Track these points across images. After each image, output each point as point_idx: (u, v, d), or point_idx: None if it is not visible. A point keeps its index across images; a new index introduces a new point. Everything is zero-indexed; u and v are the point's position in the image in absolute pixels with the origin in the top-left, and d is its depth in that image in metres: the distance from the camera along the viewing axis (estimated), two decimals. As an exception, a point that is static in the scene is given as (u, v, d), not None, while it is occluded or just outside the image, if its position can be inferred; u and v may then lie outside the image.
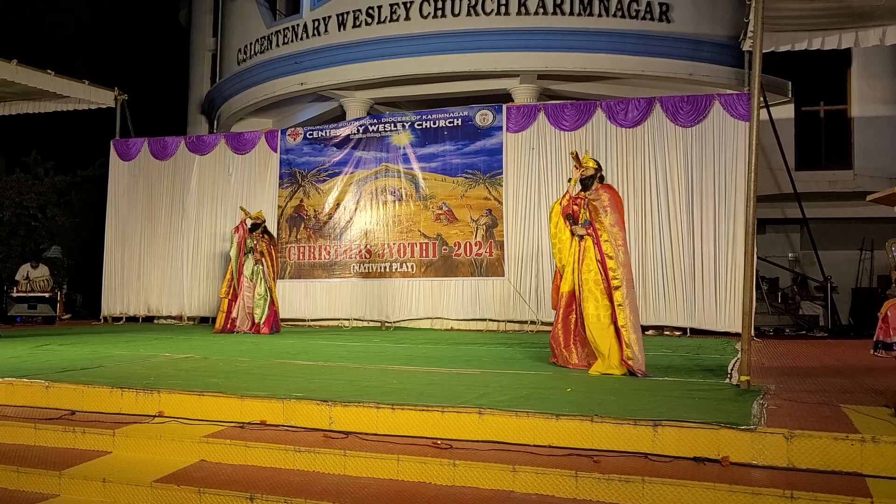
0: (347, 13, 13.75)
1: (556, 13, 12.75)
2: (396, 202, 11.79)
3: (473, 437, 3.99)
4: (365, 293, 11.80)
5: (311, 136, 12.44)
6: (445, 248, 11.42)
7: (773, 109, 12.83)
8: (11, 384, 5.25)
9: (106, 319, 13.11)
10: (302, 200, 12.34)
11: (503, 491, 3.56)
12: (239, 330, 10.41)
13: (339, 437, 4.14)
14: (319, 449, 3.96)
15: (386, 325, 11.60)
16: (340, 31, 13.82)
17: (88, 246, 15.18)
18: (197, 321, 12.77)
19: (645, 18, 12.74)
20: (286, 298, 11.71)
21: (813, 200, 13.01)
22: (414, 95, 14.24)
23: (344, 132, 12.25)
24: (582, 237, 5.98)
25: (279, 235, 12.12)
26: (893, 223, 10.79)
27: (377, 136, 11.97)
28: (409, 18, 13.28)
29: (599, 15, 12.70)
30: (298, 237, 12.31)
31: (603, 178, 6.24)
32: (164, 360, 6.81)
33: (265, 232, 10.86)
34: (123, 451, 4.35)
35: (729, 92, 11.05)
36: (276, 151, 12.53)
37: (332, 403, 4.34)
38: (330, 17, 13.95)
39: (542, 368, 6.13)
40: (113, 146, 13.43)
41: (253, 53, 15.42)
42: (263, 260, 10.54)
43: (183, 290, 12.78)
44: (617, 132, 10.55)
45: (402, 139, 11.80)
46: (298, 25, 14.45)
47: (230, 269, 10.64)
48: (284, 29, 14.73)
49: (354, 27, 13.68)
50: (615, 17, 12.70)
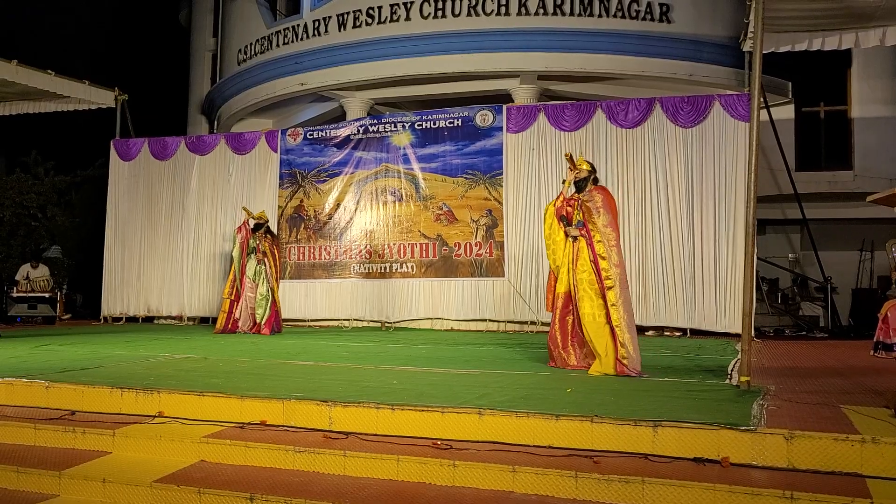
0: (348, 13, 13.75)
1: (556, 14, 12.75)
2: (397, 202, 11.79)
3: (473, 437, 3.99)
4: (365, 293, 11.81)
5: (311, 136, 12.44)
6: (445, 248, 11.42)
7: (773, 110, 12.84)
8: (11, 384, 5.25)
9: (106, 319, 13.11)
10: (302, 201, 12.34)
11: (503, 491, 3.56)
12: (241, 330, 10.42)
13: (338, 437, 4.14)
14: (319, 449, 3.96)
15: (386, 325, 11.60)
16: (341, 31, 13.82)
17: (88, 246, 15.18)
18: (197, 321, 12.77)
19: (645, 19, 12.74)
20: (286, 299, 11.70)
21: (813, 201, 13.03)
22: (414, 96, 14.25)
23: (344, 132, 12.25)
24: (576, 238, 6.01)
25: (279, 236, 12.10)
26: (893, 224, 10.80)
27: (377, 136, 11.97)
28: (409, 19, 13.28)
29: (600, 15, 12.70)
30: (298, 237, 12.31)
31: (597, 179, 6.28)
32: (164, 360, 6.81)
33: (268, 232, 10.85)
34: (123, 451, 4.35)
35: (729, 92, 11.06)
36: (276, 152, 12.53)
37: (331, 404, 4.34)
38: (330, 17, 13.95)
39: (541, 369, 6.13)
40: (113, 146, 13.43)
41: (253, 54, 15.42)
42: (266, 260, 10.53)
43: (183, 290, 12.77)
44: (617, 133, 10.55)
45: (402, 139, 11.80)
46: (299, 26, 14.45)
47: (233, 269, 10.64)
48: (285, 29, 14.73)
49: (355, 27, 13.68)
50: (615, 17, 12.70)
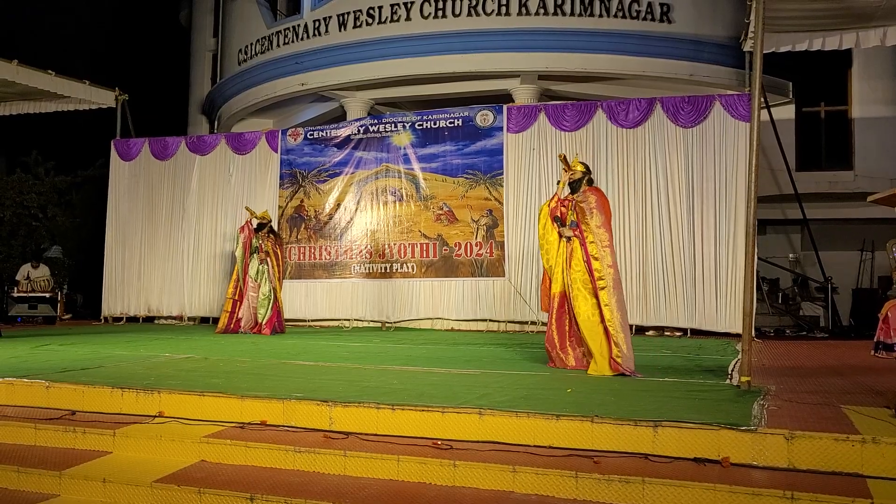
0: (348, 13, 13.75)
1: (556, 14, 12.75)
2: (397, 202, 11.79)
3: (473, 437, 3.99)
4: (365, 293, 11.80)
5: (311, 136, 12.44)
6: (446, 248, 11.42)
7: (773, 110, 12.84)
8: (12, 384, 5.25)
9: (106, 319, 13.11)
10: (302, 201, 12.34)
11: (503, 491, 3.56)
12: (243, 330, 10.41)
13: (339, 437, 4.14)
14: (319, 449, 3.95)
15: (386, 325, 11.60)
16: (341, 31, 13.82)
17: (89, 246, 15.19)
18: (197, 321, 12.77)
19: (646, 19, 12.74)
20: (286, 299, 11.69)
21: (813, 201, 13.03)
22: (414, 96, 14.24)
23: (344, 132, 12.25)
24: (569, 239, 6.03)
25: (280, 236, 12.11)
26: (894, 224, 10.80)
27: (378, 136, 11.97)
28: (409, 19, 13.28)
29: (600, 15, 12.70)
30: (299, 237, 12.31)
31: (592, 180, 6.28)
32: (164, 360, 6.81)
33: (271, 231, 10.84)
34: (124, 451, 4.35)
35: (730, 92, 11.06)
36: (276, 152, 12.53)
37: (332, 404, 4.34)
38: (330, 17, 13.95)
39: (542, 369, 6.13)
40: (113, 146, 13.43)
41: (253, 54, 15.42)
42: (269, 260, 10.51)
43: (183, 290, 12.77)
44: (617, 133, 10.55)
45: (402, 139, 11.80)
46: (299, 26, 14.45)
47: (236, 269, 10.63)
48: (285, 29, 14.73)
49: (355, 27, 13.68)
50: (616, 17, 12.70)
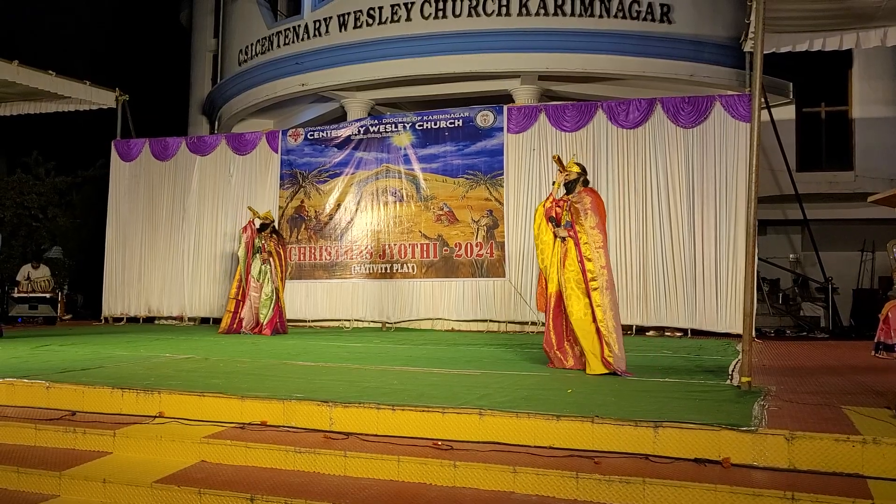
0: (348, 14, 13.75)
1: (556, 14, 12.75)
2: (397, 203, 11.79)
3: (474, 437, 3.99)
4: (366, 294, 11.81)
5: (311, 136, 12.44)
6: (446, 248, 11.42)
7: (774, 110, 12.84)
8: (12, 384, 5.25)
9: (107, 320, 13.11)
10: (303, 201, 12.34)
11: (504, 492, 3.55)
12: (245, 330, 10.40)
13: (339, 437, 4.13)
14: (320, 450, 3.95)
15: (387, 325, 11.60)
16: (341, 31, 13.82)
17: (89, 246, 15.20)
18: (198, 322, 12.77)
19: (646, 19, 12.74)
20: (287, 299, 11.69)
21: (814, 202, 13.03)
22: (415, 96, 14.25)
23: (345, 133, 12.25)
24: (564, 239, 6.05)
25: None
26: (894, 224, 10.81)
27: (378, 136, 11.98)
28: (409, 19, 13.28)
29: (600, 16, 12.70)
30: (299, 238, 12.31)
31: (587, 181, 6.30)
32: (164, 360, 6.81)
33: (274, 231, 10.83)
34: (124, 451, 4.35)
35: (730, 93, 11.06)
36: (276, 152, 12.54)
37: (332, 404, 4.33)
38: (331, 17, 13.95)
39: (542, 369, 6.12)
40: (114, 147, 13.44)
41: (254, 54, 15.42)
42: (271, 260, 10.49)
43: (184, 290, 12.78)
44: (618, 133, 10.55)
45: (402, 140, 11.80)
46: (299, 26, 14.45)
47: (239, 269, 10.62)
48: (285, 29, 14.73)
49: (355, 28, 13.68)
50: (616, 17, 12.70)
